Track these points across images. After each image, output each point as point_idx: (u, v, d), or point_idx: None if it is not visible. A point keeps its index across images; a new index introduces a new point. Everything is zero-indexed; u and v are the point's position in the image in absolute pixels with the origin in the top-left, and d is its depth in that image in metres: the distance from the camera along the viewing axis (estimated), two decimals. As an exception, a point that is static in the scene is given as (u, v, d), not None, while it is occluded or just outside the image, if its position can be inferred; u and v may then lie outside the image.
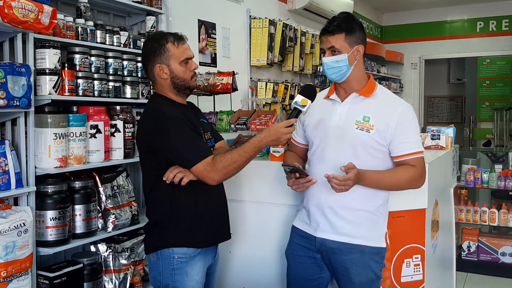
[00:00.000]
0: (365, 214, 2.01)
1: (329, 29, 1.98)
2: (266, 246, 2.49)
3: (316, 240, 2.05)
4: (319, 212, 2.04)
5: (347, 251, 2.00)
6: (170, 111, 1.95)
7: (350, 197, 1.98)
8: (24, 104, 2.13)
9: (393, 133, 1.97)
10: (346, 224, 2.00)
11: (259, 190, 2.52)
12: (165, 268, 1.98)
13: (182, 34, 2.06)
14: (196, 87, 2.17)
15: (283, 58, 4.82)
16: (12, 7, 1.94)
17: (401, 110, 2.00)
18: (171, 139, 1.90)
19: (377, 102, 2.03)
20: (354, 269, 2.00)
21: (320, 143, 2.06)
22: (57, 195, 2.32)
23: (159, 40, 2.01)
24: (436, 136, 3.01)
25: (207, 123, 2.19)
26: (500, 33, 7.88)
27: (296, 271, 2.14)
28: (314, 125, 2.11)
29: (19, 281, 2.10)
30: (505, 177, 4.40)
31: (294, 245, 2.16)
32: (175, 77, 2.01)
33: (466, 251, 4.48)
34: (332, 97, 2.09)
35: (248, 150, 1.91)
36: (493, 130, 7.83)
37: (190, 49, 2.07)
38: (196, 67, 2.07)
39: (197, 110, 2.22)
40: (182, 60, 2.01)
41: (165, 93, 2.05)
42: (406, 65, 8.64)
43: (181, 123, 1.92)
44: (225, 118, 3.18)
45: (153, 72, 2.01)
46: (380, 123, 1.97)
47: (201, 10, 3.98)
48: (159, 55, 1.99)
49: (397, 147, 1.98)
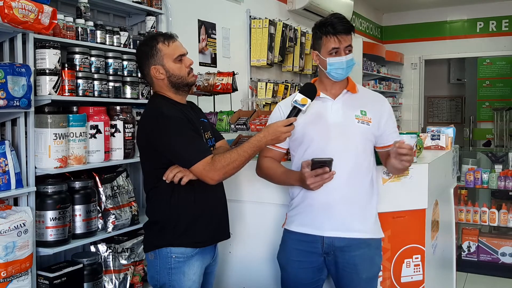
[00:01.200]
0: (369, 209, 2.07)
1: (347, 27, 2.02)
2: (266, 247, 2.49)
3: (324, 241, 2.04)
4: (326, 209, 2.03)
5: (356, 246, 2.02)
6: (170, 111, 1.95)
7: (356, 192, 2.04)
8: (24, 104, 2.13)
9: (385, 125, 2.09)
10: (355, 220, 2.03)
11: (260, 190, 2.52)
12: (163, 267, 1.98)
13: (172, 33, 2.07)
14: (194, 83, 2.15)
15: (283, 58, 4.82)
16: (12, 7, 1.94)
17: (387, 103, 2.16)
18: (171, 139, 1.90)
19: (364, 97, 2.13)
20: (363, 265, 2.03)
21: (320, 141, 2.05)
22: (57, 195, 2.32)
23: (149, 43, 2.02)
24: (436, 136, 3.01)
25: (208, 123, 2.19)
26: (500, 33, 7.88)
27: (294, 278, 2.12)
28: (308, 124, 2.07)
29: (19, 281, 2.10)
30: (505, 177, 4.40)
31: (291, 251, 2.12)
32: (172, 76, 2.01)
33: (466, 251, 4.48)
34: (321, 96, 2.10)
35: (247, 150, 1.91)
36: (493, 130, 7.83)
37: (182, 46, 2.07)
38: (191, 63, 2.07)
39: (198, 109, 2.22)
40: (176, 58, 2.01)
41: (165, 93, 2.05)
42: (406, 65, 8.64)
43: (180, 123, 1.93)
44: (225, 118, 3.18)
45: (150, 74, 2.02)
46: (375, 116, 2.08)
47: (201, 10, 3.98)
48: (152, 57, 2.00)
49: (388, 137, 2.08)
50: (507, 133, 7.53)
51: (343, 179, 2.00)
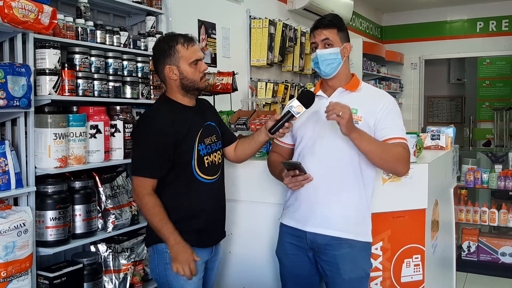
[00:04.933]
0: (356, 210, 2.04)
1: (324, 22, 2.05)
2: (266, 246, 2.49)
3: (307, 237, 2.06)
4: (310, 206, 2.05)
5: (337, 246, 2.02)
6: (155, 121, 2.01)
7: (340, 191, 2.02)
8: (24, 104, 2.13)
9: (379, 120, 2.03)
10: (337, 218, 2.02)
11: (260, 190, 2.52)
12: (160, 262, 2.05)
13: (193, 36, 2.10)
14: (204, 88, 2.21)
15: (283, 58, 4.82)
16: (12, 7, 1.94)
17: (385, 100, 2.07)
18: (136, 144, 2.07)
19: (362, 95, 2.10)
20: (344, 265, 2.01)
21: (310, 138, 2.08)
22: (57, 195, 2.32)
23: (169, 42, 2.04)
24: (436, 136, 3.01)
25: (215, 126, 2.20)
26: (500, 33, 7.88)
27: (291, 270, 2.15)
28: (303, 121, 2.12)
29: (19, 281, 2.10)
30: (505, 177, 4.40)
31: (285, 244, 2.16)
32: (184, 78, 2.05)
33: (466, 251, 4.48)
34: (318, 93, 2.13)
35: (156, 224, 1.98)
36: (493, 130, 7.83)
37: (200, 50, 2.11)
38: (206, 69, 2.11)
39: (209, 110, 2.26)
40: (192, 62, 2.05)
41: (173, 95, 2.10)
42: (406, 65, 8.64)
43: (154, 134, 2.00)
44: (225, 118, 3.17)
45: (163, 73, 2.06)
46: (367, 113, 2.03)
47: (201, 10, 3.98)
48: (169, 56, 2.03)
49: (385, 131, 2.01)
50: (507, 133, 7.53)
51: (327, 177, 2.02)
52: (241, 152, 2.27)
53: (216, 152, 2.14)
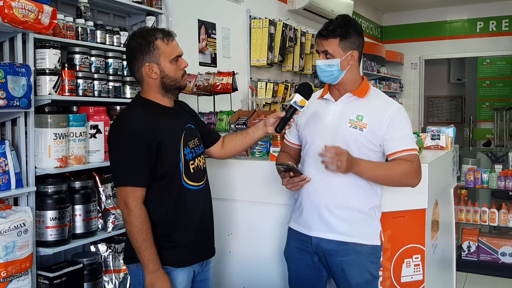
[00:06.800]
0: (359, 213, 2.01)
1: (323, 34, 1.99)
2: (265, 246, 2.49)
3: (312, 241, 2.05)
4: (314, 211, 2.04)
5: (343, 252, 2.00)
6: (131, 123, 1.83)
7: (345, 196, 1.99)
8: (24, 104, 2.13)
9: (385, 131, 1.97)
10: (341, 222, 2.00)
11: (260, 190, 2.52)
12: (145, 278, 1.82)
13: (170, 30, 1.94)
14: (185, 87, 2.05)
15: (283, 58, 4.81)
16: (12, 7, 1.94)
17: (394, 109, 2.00)
18: (113, 152, 1.88)
19: (370, 102, 2.03)
20: (351, 271, 2.00)
21: (313, 142, 2.06)
22: (57, 195, 2.32)
23: (147, 37, 1.86)
24: (436, 136, 3.01)
25: (195, 128, 2.04)
26: (500, 33, 7.88)
27: (296, 273, 2.15)
28: (308, 124, 2.11)
29: (19, 281, 2.10)
30: (505, 177, 4.40)
31: (291, 247, 2.16)
32: (166, 77, 1.89)
33: (466, 251, 4.48)
34: (326, 97, 2.11)
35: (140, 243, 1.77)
36: (493, 130, 7.83)
37: (179, 45, 1.95)
38: (186, 65, 1.95)
39: (187, 112, 2.09)
40: (173, 58, 1.89)
41: (151, 95, 1.93)
42: (406, 65, 8.64)
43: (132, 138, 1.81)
44: (225, 118, 3.18)
45: (141, 71, 1.88)
46: (373, 122, 1.98)
47: (201, 10, 3.97)
48: (148, 53, 1.85)
49: (391, 144, 1.96)
50: (507, 133, 7.52)
51: (330, 182, 1.98)
52: (232, 148, 2.16)
53: (200, 156, 1.99)
